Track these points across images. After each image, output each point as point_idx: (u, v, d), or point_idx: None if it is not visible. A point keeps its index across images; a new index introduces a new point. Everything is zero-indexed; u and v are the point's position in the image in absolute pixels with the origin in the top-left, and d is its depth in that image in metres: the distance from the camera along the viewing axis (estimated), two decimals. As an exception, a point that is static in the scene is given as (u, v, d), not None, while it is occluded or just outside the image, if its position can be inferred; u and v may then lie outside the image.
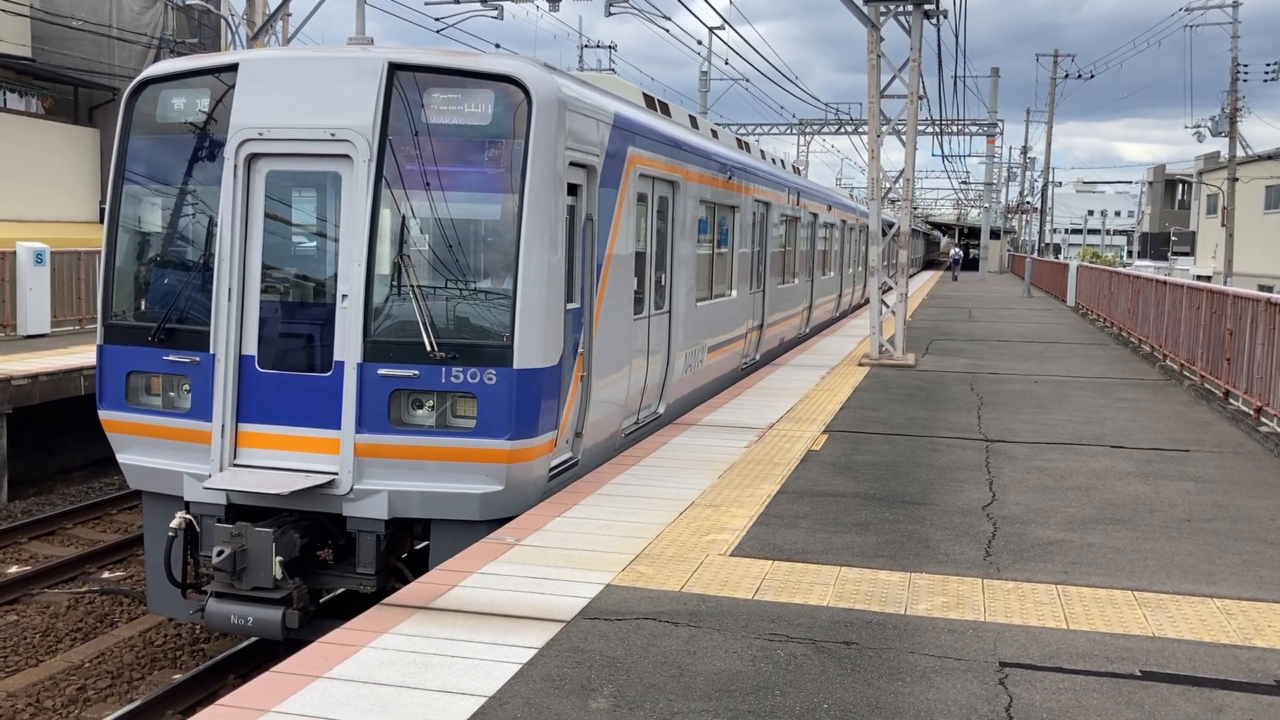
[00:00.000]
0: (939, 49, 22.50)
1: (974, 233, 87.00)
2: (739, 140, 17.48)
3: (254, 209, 8.13)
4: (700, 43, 45.80)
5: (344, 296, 7.87)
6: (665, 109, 12.93)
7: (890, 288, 19.99)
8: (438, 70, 7.96)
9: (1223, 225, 45.93)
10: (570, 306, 8.57)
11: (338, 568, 8.41)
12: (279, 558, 7.65)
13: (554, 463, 8.46)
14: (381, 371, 7.76)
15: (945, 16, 20.19)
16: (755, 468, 9.73)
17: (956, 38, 23.34)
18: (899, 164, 19.84)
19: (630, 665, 5.25)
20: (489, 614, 5.91)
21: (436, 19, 26.11)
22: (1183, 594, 6.53)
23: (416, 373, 7.72)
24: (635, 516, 7.95)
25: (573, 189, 8.69)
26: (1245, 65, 46.09)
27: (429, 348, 7.67)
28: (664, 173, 11.19)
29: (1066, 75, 62.81)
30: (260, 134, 8.03)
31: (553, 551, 7.06)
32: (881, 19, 18.01)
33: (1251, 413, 12.67)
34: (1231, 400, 13.77)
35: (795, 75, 47.73)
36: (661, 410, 11.71)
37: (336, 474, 7.83)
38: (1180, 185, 76.40)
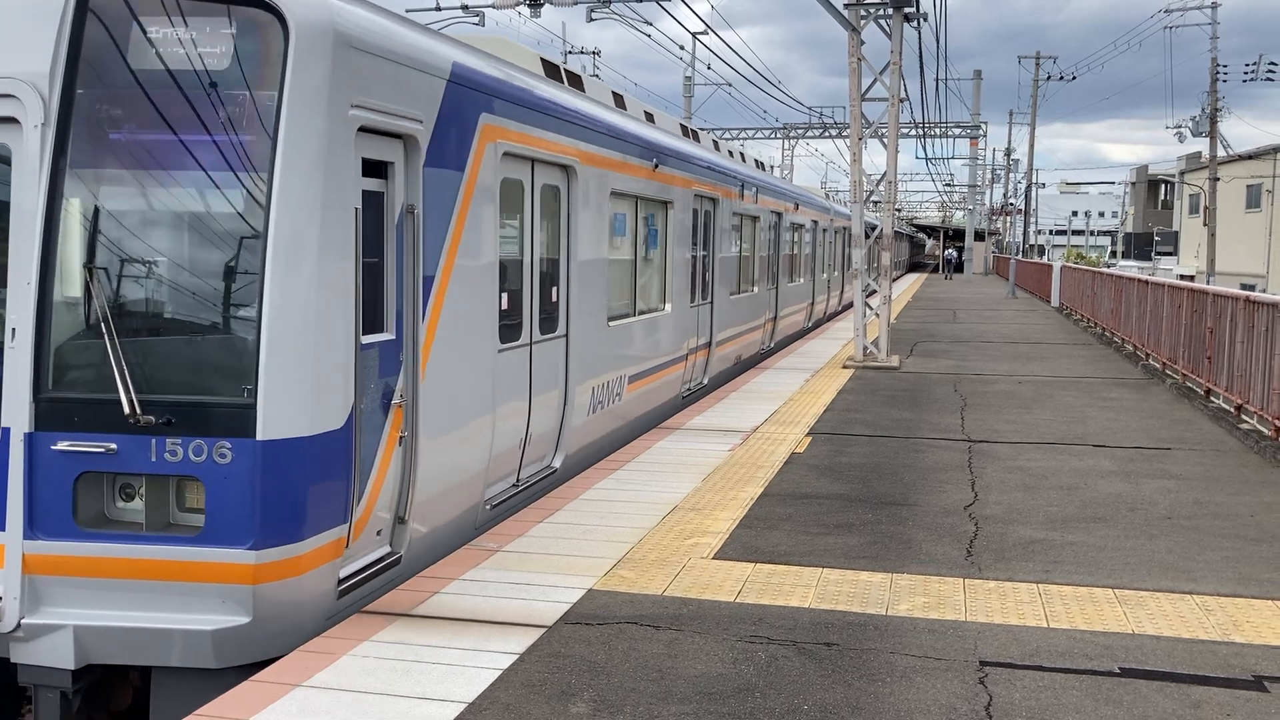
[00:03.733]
0: (920, 52, 22.65)
1: (959, 235, 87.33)
2: (685, 128, 15.37)
3: None
4: (683, 48, 45.92)
5: (12, 332, 5.49)
6: (576, 81, 10.70)
7: (874, 290, 20.04)
8: None
9: (1205, 225, 46.21)
10: (373, 339, 6.24)
11: None
12: None
13: (349, 570, 6.09)
14: (62, 445, 5.41)
15: (925, 19, 20.32)
16: (739, 471, 9.74)
17: (938, 40, 23.49)
18: (884, 167, 19.78)
19: (611, 669, 5.25)
20: (470, 620, 5.90)
21: (418, 26, 26.10)
22: (1162, 591, 6.56)
23: (113, 446, 5.41)
24: (618, 521, 7.95)
25: (377, 169, 6.37)
26: (1225, 66, 46.48)
27: (129, 409, 5.34)
28: (550, 154, 8.75)
29: (1049, 77, 63.16)
30: None
31: (535, 557, 7.05)
32: (862, 22, 18.09)
33: (1232, 410, 12.74)
34: (1213, 398, 13.84)
35: (779, 80, 47.97)
36: (558, 464, 9.33)
37: None
38: (1163, 185, 76.79)
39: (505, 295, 8.08)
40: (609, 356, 10.60)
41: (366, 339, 6.12)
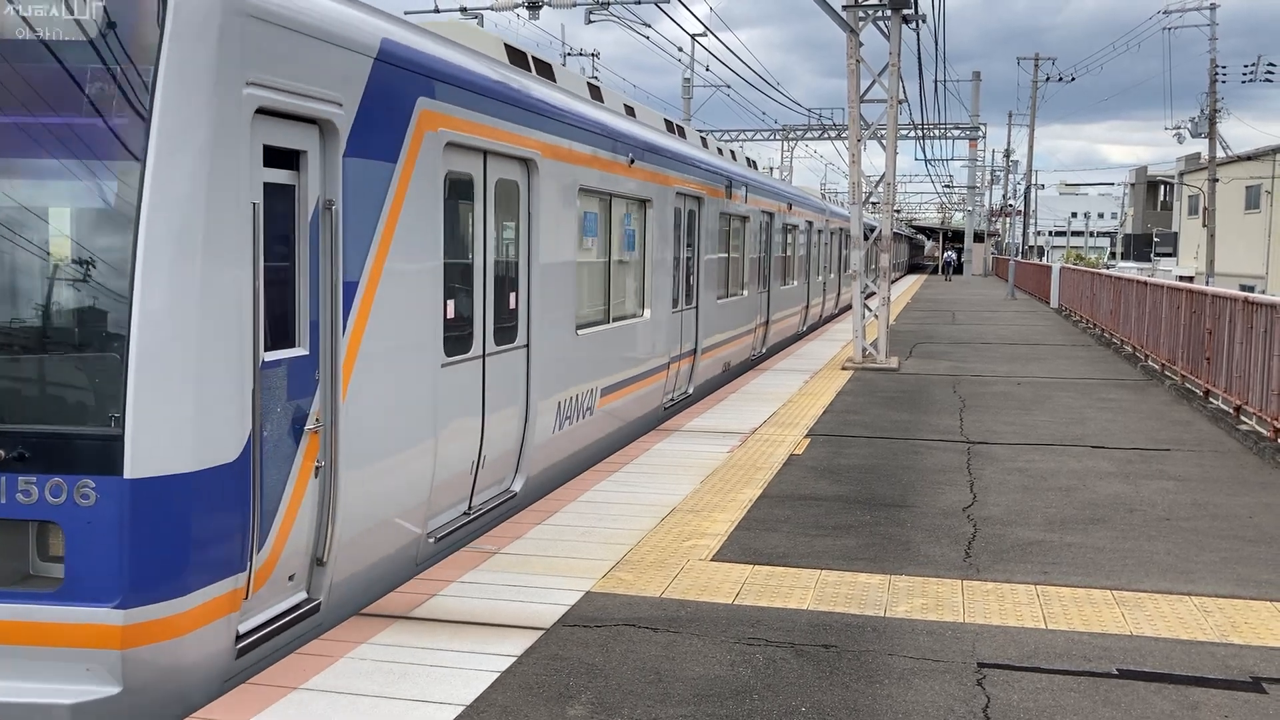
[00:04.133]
0: (919, 53, 22.67)
1: (958, 236, 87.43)
2: (670, 123, 14.57)
3: None
4: (681, 50, 45.87)
5: None
6: (546, 69, 9.87)
7: (873, 292, 20.04)
8: None
9: (1204, 225, 46.23)
10: (279, 355, 5.43)
11: None
12: None
13: (251, 624, 5.30)
14: None
15: (924, 21, 20.31)
16: (738, 472, 9.74)
17: (936, 42, 23.50)
18: (883, 168, 19.66)
19: (608, 672, 5.25)
20: (468, 622, 5.90)
21: (417, 28, 26.10)
22: (1160, 592, 6.56)
23: None
24: (617, 523, 7.95)
25: (286, 158, 5.53)
26: (1224, 67, 46.49)
27: None
28: (505, 145, 7.93)
29: (1048, 78, 63.20)
30: None
31: (533, 559, 7.05)
32: (860, 24, 18.10)
33: (1231, 411, 12.74)
34: (1211, 399, 13.84)
35: (778, 82, 47.97)
36: (518, 488, 8.51)
37: None
38: (1162, 186, 76.83)
39: (451, 303, 7.27)
40: (578, 368, 9.73)
41: (271, 355, 5.32)
